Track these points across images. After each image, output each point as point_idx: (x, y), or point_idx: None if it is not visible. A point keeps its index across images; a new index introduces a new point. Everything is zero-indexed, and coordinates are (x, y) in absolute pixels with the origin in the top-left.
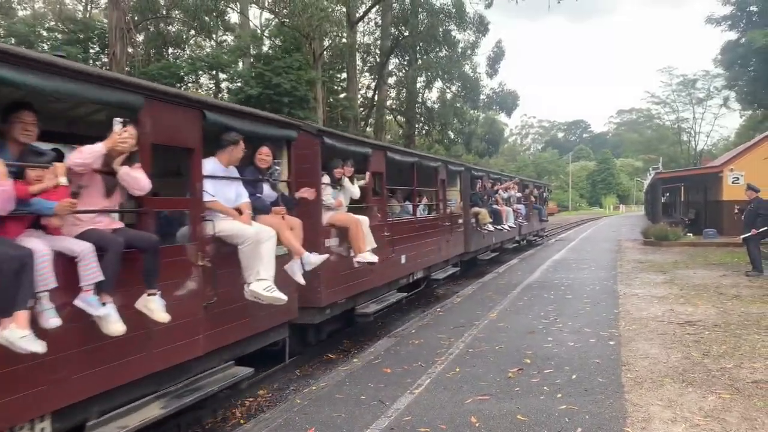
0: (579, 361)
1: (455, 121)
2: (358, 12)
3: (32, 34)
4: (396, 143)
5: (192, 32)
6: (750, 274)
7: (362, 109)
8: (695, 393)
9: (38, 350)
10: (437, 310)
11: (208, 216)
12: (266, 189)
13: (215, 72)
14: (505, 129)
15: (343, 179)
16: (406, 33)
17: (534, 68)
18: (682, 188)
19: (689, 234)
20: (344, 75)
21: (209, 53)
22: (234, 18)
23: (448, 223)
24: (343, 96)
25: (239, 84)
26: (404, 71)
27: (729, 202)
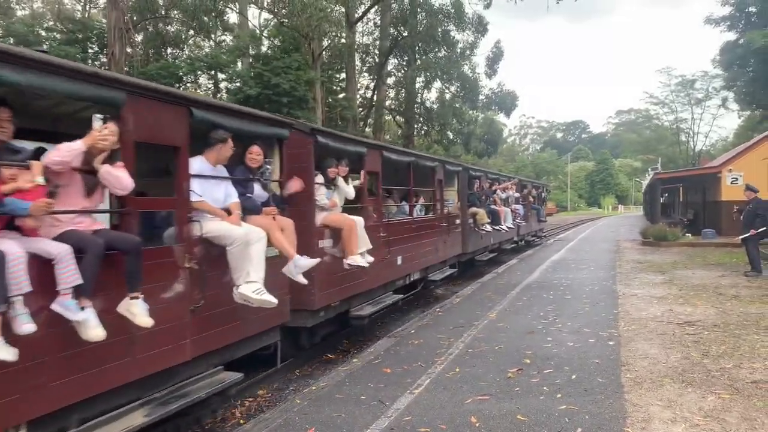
0: (578, 362)
1: (454, 122)
2: (357, 12)
3: (31, 34)
4: (395, 143)
5: (191, 32)
6: (749, 275)
7: (361, 110)
8: (695, 393)
9: (8, 358)
10: (436, 311)
11: (195, 216)
12: (257, 189)
13: (214, 72)
14: (504, 129)
15: (338, 179)
16: (405, 33)
17: (533, 68)
18: (681, 189)
19: (688, 234)
20: (343, 75)
21: (208, 53)
22: (233, 18)
23: (446, 224)
24: (342, 96)
25: (238, 84)
26: (403, 71)
27: (728, 203)
